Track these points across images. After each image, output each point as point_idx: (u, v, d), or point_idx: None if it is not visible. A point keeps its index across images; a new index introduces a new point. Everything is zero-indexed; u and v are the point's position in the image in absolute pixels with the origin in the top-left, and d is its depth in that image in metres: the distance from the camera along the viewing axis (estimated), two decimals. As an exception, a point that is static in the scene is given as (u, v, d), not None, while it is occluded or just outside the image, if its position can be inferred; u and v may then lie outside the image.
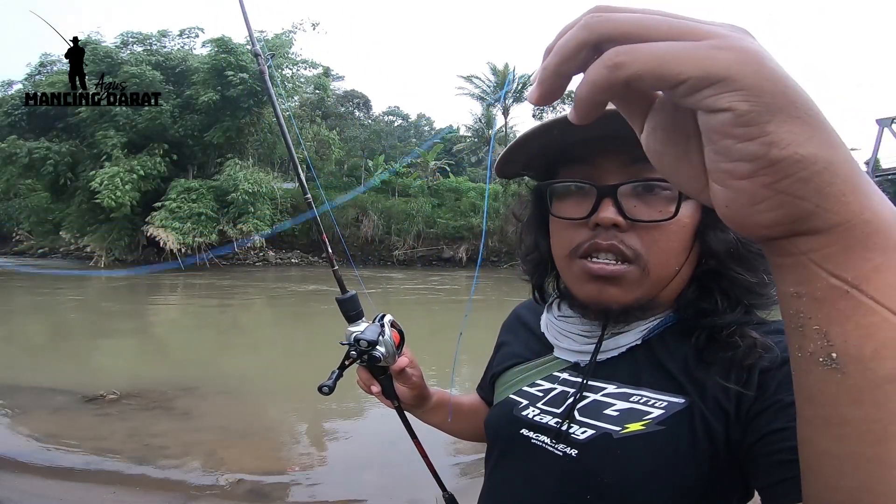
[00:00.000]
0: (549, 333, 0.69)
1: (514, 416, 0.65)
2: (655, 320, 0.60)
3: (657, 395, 0.56)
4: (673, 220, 0.54)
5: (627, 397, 0.57)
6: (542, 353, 0.69)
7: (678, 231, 0.55)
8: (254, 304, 11.90)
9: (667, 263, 0.56)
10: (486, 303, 12.85)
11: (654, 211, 0.54)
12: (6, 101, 21.33)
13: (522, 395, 0.67)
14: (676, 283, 0.59)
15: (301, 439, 4.05)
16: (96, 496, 2.92)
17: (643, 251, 0.55)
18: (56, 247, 25.48)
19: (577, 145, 0.57)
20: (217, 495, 2.97)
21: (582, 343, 0.64)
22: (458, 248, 23.43)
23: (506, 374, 0.74)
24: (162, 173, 20.09)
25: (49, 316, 9.98)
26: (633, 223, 0.55)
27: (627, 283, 0.56)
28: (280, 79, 21.68)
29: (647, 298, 0.58)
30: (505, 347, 0.80)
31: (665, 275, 0.57)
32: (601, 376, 0.61)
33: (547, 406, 0.63)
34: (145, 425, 3.98)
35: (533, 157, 0.62)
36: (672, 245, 0.56)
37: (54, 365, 5.88)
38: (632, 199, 0.55)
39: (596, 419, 0.57)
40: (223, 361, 6.51)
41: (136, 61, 20.88)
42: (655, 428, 0.54)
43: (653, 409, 0.55)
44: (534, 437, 0.62)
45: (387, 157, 32.05)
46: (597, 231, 0.56)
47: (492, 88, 28.12)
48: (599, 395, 0.59)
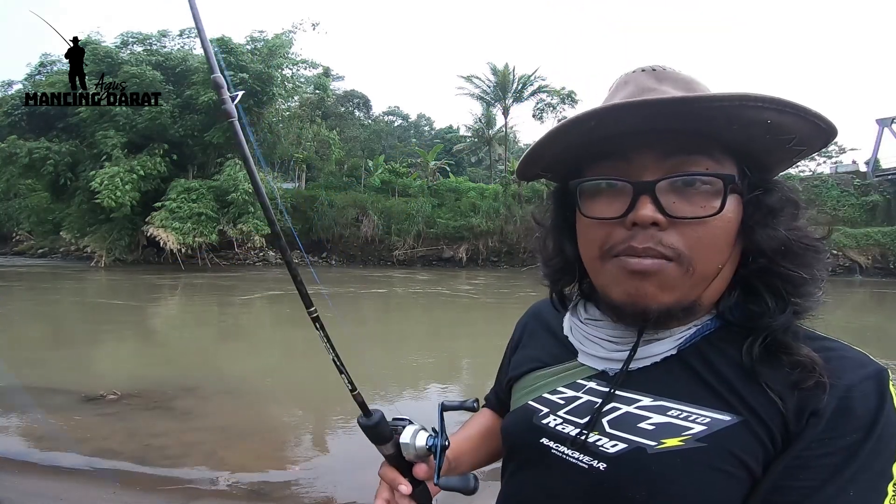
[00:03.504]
0: (574, 337, 0.65)
1: (534, 424, 0.61)
2: (692, 327, 0.56)
3: (698, 409, 0.52)
4: (717, 215, 0.51)
5: (665, 411, 0.53)
6: (565, 359, 0.64)
7: (723, 227, 0.52)
8: (254, 304, 11.91)
9: (711, 261, 0.52)
10: (487, 302, 12.85)
11: (696, 207, 0.51)
12: (6, 101, 21.36)
13: (543, 402, 0.63)
14: (717, 286, 0.55)
15: (301, 439, 4.05)
16: (96, 496, 2.92)
17: (685, 249, 0.51)
18: (56, 247, 25.49)
19: (608, 140, 0.54)
20: (217, 495, 2.97)
21: (611, 350, 0.59)
22: (458, 248, 23.44)
23: (524, 378, 0.68)
24: (162, 173, 20.11)
25: (49, 316, 9.99)
26: (673, 221, 0.51)
27: (668, 281, 0.52)
28: (280, 79, 21.72)
29: (689, 300, 0.53)
30: (522, 350, 0.75)
31: (709, 273, 0.53)
32: (633, 387, 0.56)
33: (570, 416, 0.59)
34: (145, 425, 3.98)
35: (556, 155, 0.59)
36: (717, 242, 0.52)
37: (54, 365, 5.88)
38: (671, 196, 0.51)
39: (628, 432, 0.54)
40: (223, 361, 6.51)
41: (136, 61, 20.90)
42: (695, 444, 0.50)
43: (693, 425, 0.51)
44: (555, 448, 0.58)
45: (387, 158, 32.08)
46: (634, 231, 0.52)
47: (492, 88, 28.11)
48: (632, 408, 0.55)
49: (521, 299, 13.50)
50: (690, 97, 0.48)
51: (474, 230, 23.35)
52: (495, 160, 31.18)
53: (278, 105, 22.90)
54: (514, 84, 27.65)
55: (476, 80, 28.26)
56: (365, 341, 8.21)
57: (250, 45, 21.53)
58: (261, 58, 20.72)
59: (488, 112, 29.99)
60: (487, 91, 28.43)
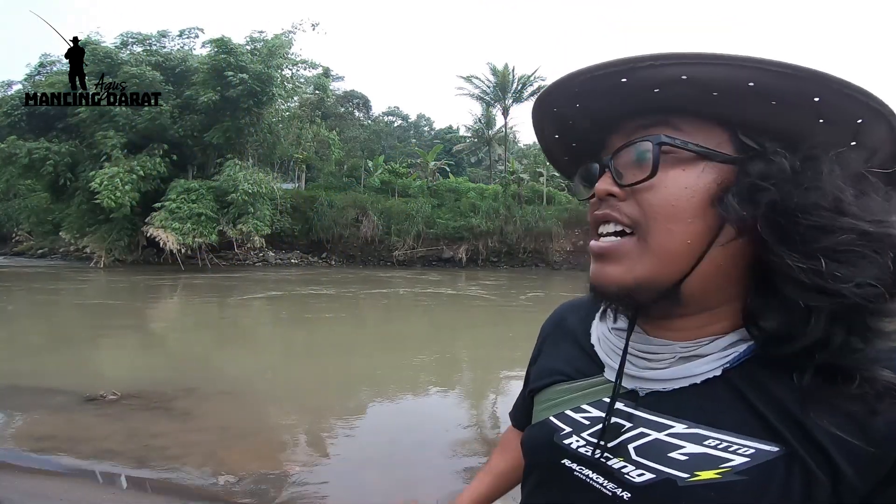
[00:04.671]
0: (602, 349, 0.59)
1: (555, 443, 0.57)
2: (737, 347, 0.49)
3: (741, 439, 0.46)
4: (658, 180, 0.47)
5: (701, 440, 0.48)
6: (591, 373, 0.59)
7: (677, 193, 0.47)
8: (254, 304, 11.90)
9: (669, 232, 0.47)
10: (486, 303, 12.85)
11: (641, 173, 0.48)
12: (6, 101, 21.34)
13: (565, 419, 0.58)
14: (726, 288, 0.49)
15: (301, 439, 4.05)
16: (96, 496, 2.92)
17: (640, 217, 0.48)
18: (56, 247, 25.48)
19: (591, 131, 0.54)
20: (217, 495, 2.97)
21: (642, 367, 0.53)
22: (457, 249, 23.43)
23: (546, 391, 0.64)
24: (162, 173, 20.10)
25: (49, 316, 9.98)
26: (628, 190, 0.49)
27: (625, 258, 0.49)
28: (280, 79, 21.72)
29: (656, 280, 0.48)
30: (543, 359, 0.69)
31: (670, 247, 0.47)
32: (666, 411, 0.50)
33: (592, 437, 0.54)
34: (145, 425, 3.98)
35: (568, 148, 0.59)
36: (673, 211, 0.47)
37: (54, 365, 5.88)
38: (630, 168, 0.49)
39: (657, 462, 0.49)
40: (223, 362, 6.51)
41: (136, 61, 20.90)
42: (734, 478, 0.45)
43: (733, 456, 0.46)
44: (578, 471, 0.54)
45: (386, 158, 32.08)
46: (600, 206, 0.52)
47: (491, 89, 28.11)
48: (664, 434, 0.49)
49: (516, 301, 13.50)
50: (591, 67, 0.48)
51: (474, 230, 23.34)
52: (495, 160, 31.18)
53: (278, 105, 22.88)
54: (513, 84, 27.65)
55: (476, 81, 28.28)
56: (366, 341, 8.21)
57: (250, 46, 21.51)
58: (260, 58, 20.71)
59: (488, 112, 29.99)
60: (487, 91, 28.43)
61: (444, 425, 4.21)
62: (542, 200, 25.72)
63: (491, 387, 5.87)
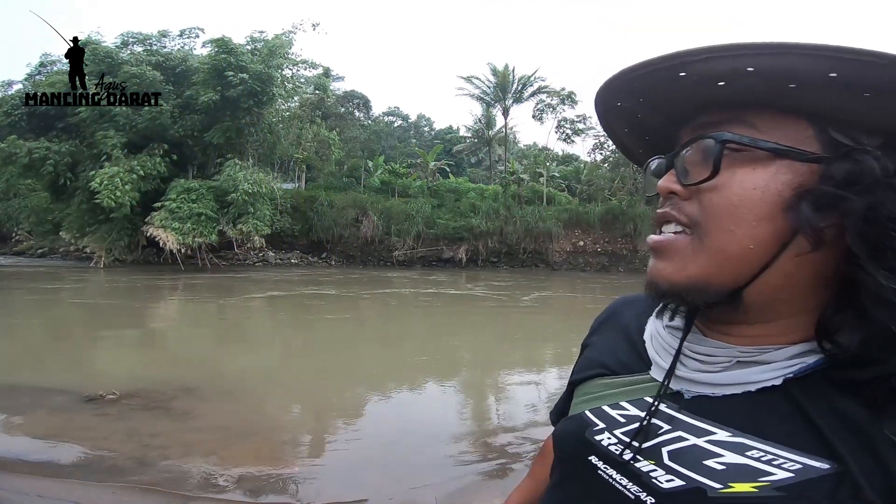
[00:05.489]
0: (652, 346, 0.56)
1: (586, 438, 0.54)
2: (804, 359, 0.45)
3: (789, 453, 0.42)
4: (724, 180, 0.44)
5: (743, 450, 0.44)
6: (636, 369, 0.56)
7: (741, 194, 0.43)
8: (253, 304, 11.90)
9: (729, 233, 0.44)
10: (486, 303, 12.86)
11: (705, 172, 0.45)
12: (6, 101, 21.31)
13: (600, 415, 0.55)
14: (798, 299, 0.45)
15: (300, 439, 4.05)
16: (95, 496, 2.92)
17: (700, 217, 0.45)
18: (56, 247, 25.46)
19: (662, 126, 0.52)
20: (216, 495, 2.97)
21: (694, 369, 0.49)
22: (457, 249, 23.42)
23: (587, 383, 0.61)
24: (162, 173, 20.09)
25: (49, 316, 9.98)
26: (691, 189, 0.46)
27: (678, 255, 0.46)
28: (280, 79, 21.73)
29: (713, 282, 0.45)
30: (590, 351, 0.66)
31: (729, 249, 0.44)
32: (710, 416, 0.47)
33: (627, 437, 0.51)
34: (145, 425, 3.98)
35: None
36: (736, 212, 0.43)
37: (54, 365, 5.89)
38: (696, 166, 0.46)
39: (690, 469, 0.45)
40: (223, 361, 6.51)
41: (137, 61, 20.87)
42: (771, 493, 0.41)
43: (776, 470, 0.42)
44: (603, 468, 0.51)
45: (387, 158, 32.08)
46: (664, 204, 0.49)
47: (491, 89, 28.12)
48: (702, 440, 0.46)
49: (528, 300, 13.50)
50: (644, 62, 0.45)
51: (474, 231, 23.33)
52: (495, 161, 31.18)
53: (278, 105, 22.88)
54: (513, 85, 27.64)
55: (476, 81, 28.26)
56: (366, 341, 8.21)
57: (250, 46, 21.50)
58: (261, 58, 20.70)
59: (488, 113, 29.99)
60: (487, 92, 28.41)
61: (444, 426, 4.21)
62: (542, 201, 25.71)
63: (491, 387, 5.87)
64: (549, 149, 29.92)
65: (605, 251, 24.11)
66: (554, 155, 32.52)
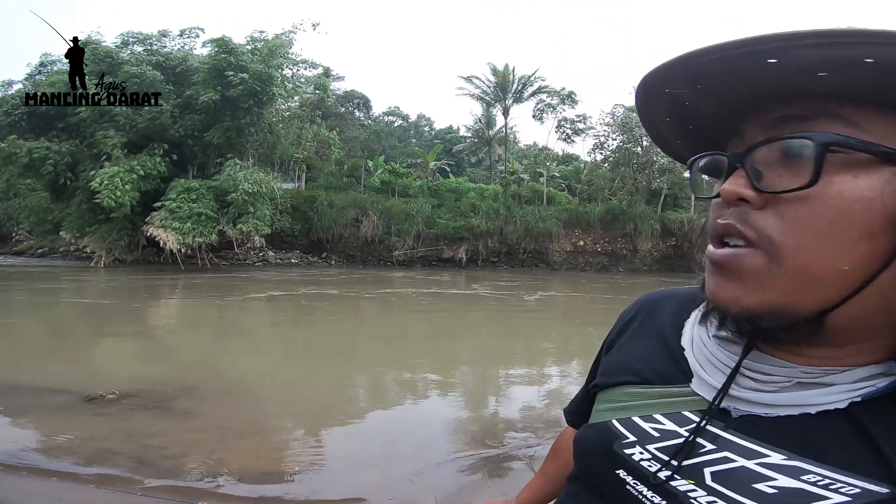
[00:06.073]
0: (694, 356, 0.50)
1: (615, 451, 0.50)
2: (874, 382, 0.41)
3: (848, 477, 0.39)
4: (817, 189, 0.37)
5: (799, 474, 0.40)
6: (674, 381, 0.50)
7: (839, 207, 0.37)
8: (253, 304, 11.90)
9: (814, 253, 0.38)
10: (487, 303, 12.85)
11: (796, 178, 0.38)
12: (6, 101, 21.30)
13: (630, 427, 0.50)
14: (889, 323, 0.40)
15: (301, 439, 4.05)
16: (96, 496, 2.92)
17: (777, 234, 0.39)
18: (56, 247, 25.46)
19: (717, 117, 0.45)
20: (216, 495, 2.97)
21: (746, 387, 0.44)
22: (457, 249, 23.42)
23: (613, 390, 0.56)
24: (162, 173, 20.09)
25: (49, 315, 9.98)
26: (769, 196, 0.39)
27: (751, 277, 0.40)
28: (280, 79, 21.73)
29: (788, 308, 0.40)
30: (618, 351, 0.60)
31: (813, 271, 0.38)
32: (763, 438, 0.42)
33: (661, 453, 0.47)
34: (145, 425, 3.98)
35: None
36: (828, 228, 0.37)
37: (54, 365, 5.88)
38: (776, 168, 0.39)
39: (737, 491, 0.41)
40: (223, 361, 6.51)
41: (137, 61, 20.87)
42: None
43: (832, 494, 0.38)
44: (632, 484, 0.47)
45: (387, 158, 32.07)
46: (724, 212, 0.42)
47: (492, 89, 28.11)
48: (753, 463, 0.42)
49: (528, 300, 13.50)
50: (724, 44, 0.38)
51: (474, 231, 23.33)
52: (495, 161, 31.17)
53: (278, 105, 22.88)
54: (514, 85, 27.62)
55: (476, 81, 28.24)
56: (366, 341, 8.21)
57: (250, 46, 21.50)
58: (261, 58, 20.69)
59: (488, 112, 29.97)
60: (487, 91, 28.39)
61: (444, 426, 4.21)
62: (542, 200, 25.72)
63: (492, 387, 5.87)
64: (549, 149, 29.93)
65: (605, 251, 24.12)
66: (554, 155, 32.51)
